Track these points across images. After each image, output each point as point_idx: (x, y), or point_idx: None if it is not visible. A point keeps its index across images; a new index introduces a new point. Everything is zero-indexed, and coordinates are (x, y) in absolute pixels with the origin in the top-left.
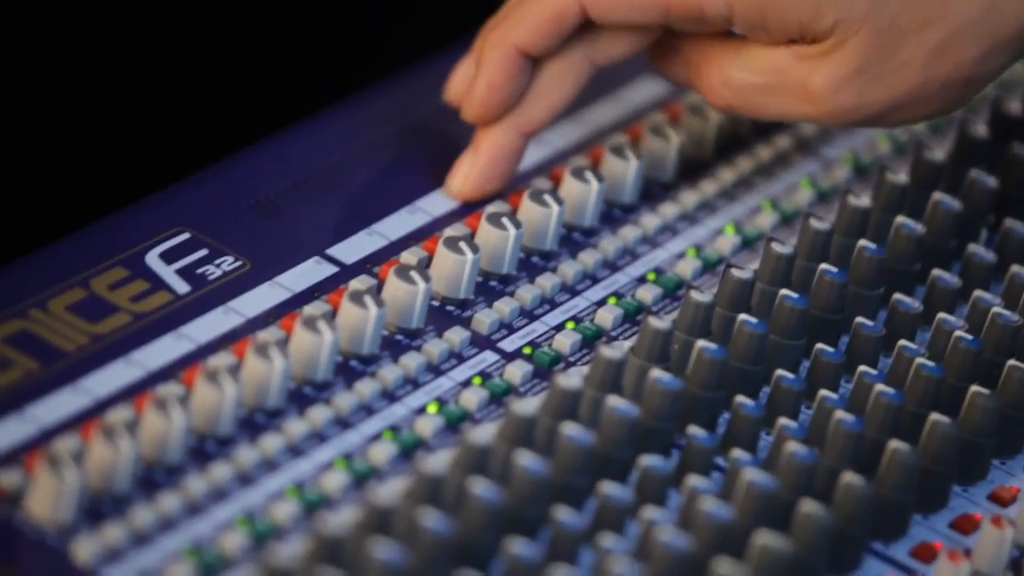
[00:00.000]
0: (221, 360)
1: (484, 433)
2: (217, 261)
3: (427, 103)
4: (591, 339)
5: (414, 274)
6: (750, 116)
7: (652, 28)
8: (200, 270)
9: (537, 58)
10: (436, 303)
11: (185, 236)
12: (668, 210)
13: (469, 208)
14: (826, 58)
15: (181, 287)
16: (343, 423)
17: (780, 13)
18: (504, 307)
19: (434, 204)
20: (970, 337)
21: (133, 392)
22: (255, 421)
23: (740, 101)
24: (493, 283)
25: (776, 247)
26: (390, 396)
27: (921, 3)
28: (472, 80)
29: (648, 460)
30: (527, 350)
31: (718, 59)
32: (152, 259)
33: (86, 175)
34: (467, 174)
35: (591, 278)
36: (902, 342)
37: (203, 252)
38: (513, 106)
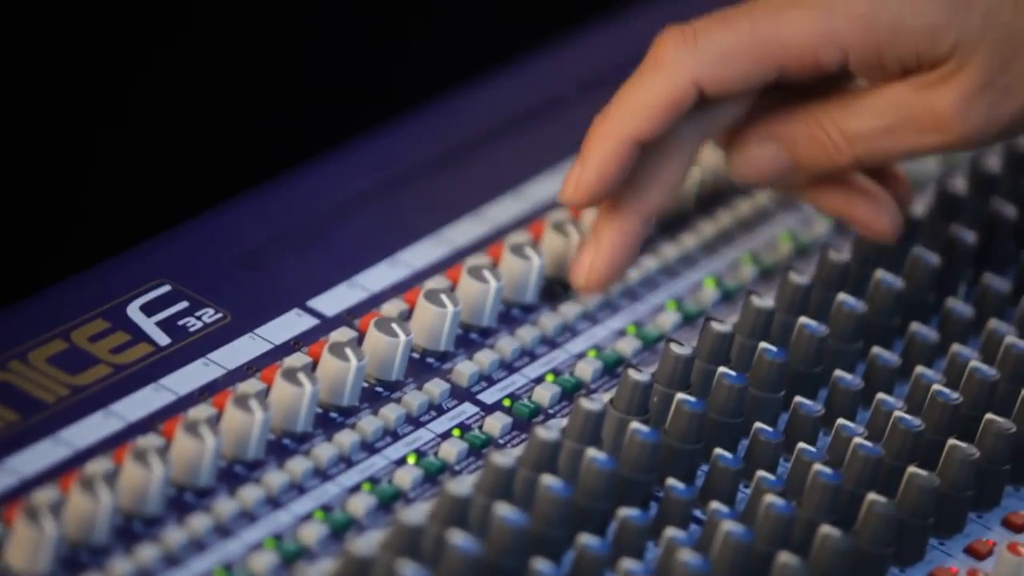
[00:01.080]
0: (200, 411)
1: (463, 485)
2: (198, 313)
3: (408, 155)
4: (571, 392)
5: (395, 326)
6: (881, 163)
7: (761, 87)
8: (181, 322)
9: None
10: (416, 355)
11: (166, 288)
12: (648, 263)
13: (451, 261)
14: (948, 82)
15: (162, 339)
16: (322, 475)
17: (897, 48)
18: (484, 359)
19: (415, 256)
20: (948, 391)
21: (112, 444)
22: (234, 472)
23: (867, 149)
24: (473, 335)
25: (756, 300)
26: (370, 448)
27: None
28: (580, 170)
29: (626, 512)
30: (507, 402)
31: (831, 119)
32: (133, 311)
33: (68, 227)
34: (592, 265)
35: (571, 330)
36: (880, 395)
37: (184, 304)
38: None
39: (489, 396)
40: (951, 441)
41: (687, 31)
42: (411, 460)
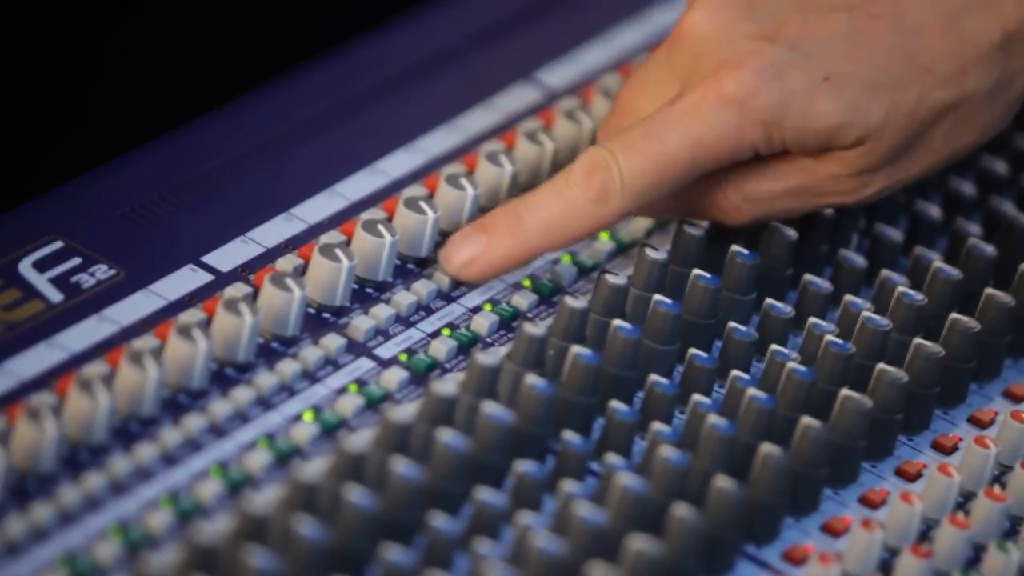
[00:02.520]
0: (94, 368)
1: (359, 440)
2: (91, 270)
3: (301, 109)
4: (467, 346)
5: (289, 281)
6: (773, 219)
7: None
8: (74, 279)
9: None
10: (312, 310)
11: (58, 245)
12: None
13: (345, 215)
14: (852, 157)
15: (55, 296)
16: (218, 431)
17: (802, 144)
18: (380, 314)
19: (309, 211)
20: (841, 341)
21: (5, 402)
22: (129, 429)
23: (766, 210)
24: (369, 290)
25: (650, 253)
26: (265, 403)
27: (938, 89)
28: (480, 252)
29: (523, 466)
30: (403, 357)
31: (733, 182)
32: (25, 268)
33: None
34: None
35: (467, 285)
36: (774, 347)
37: (77, 261)
38: None
39: (385, 351)
40: (843, 392)
41: (611, 163)
42: (307, 416)
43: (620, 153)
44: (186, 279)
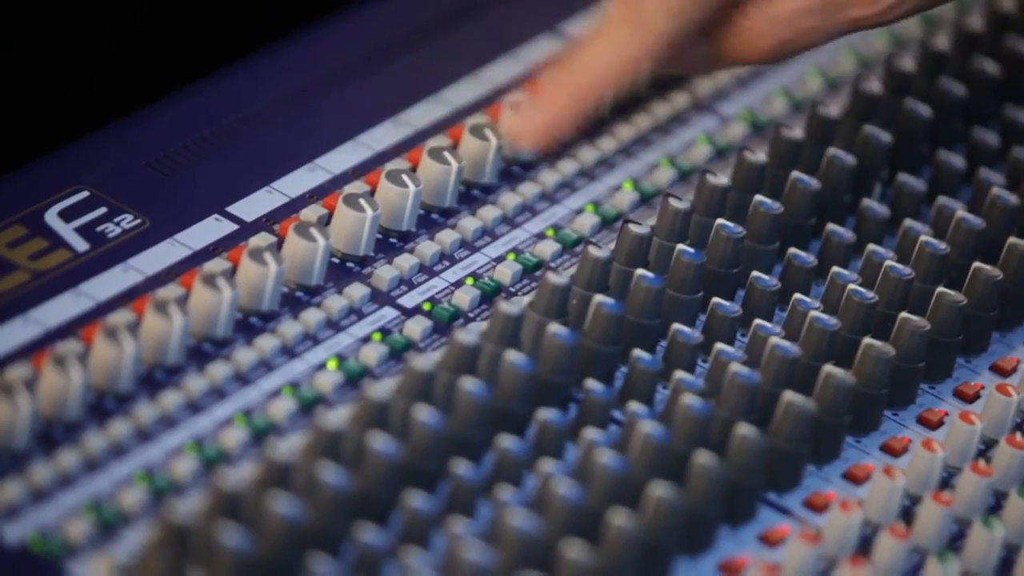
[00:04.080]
0: (119, 317)
1: (382, 389)
2: (116, 219)
3: (326, 60)
4: (490, 295)
5: (314, 231)
6: (803, 48)
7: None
8: (99, 228)
9: None
10: (336, 260)
11: (84, 194)
12: (567, 167)
13: (369, 166)
14: None
15: (80, 245)
16: (242, 379)
17: None
18: (404, 263)
19: (333, 162)
20: (863, 290)
21: (32, 350)
22: (155, 378)
23: (791, 33)
24: (393, 240)
25: (673, 203)
26: (290, 352)
27: None
28: (535, 118)
29: (546, 414)
30: (427, 306)
31: (756, 5)
32: (51, 217)
33: None
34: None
35: (490, 234)
36: (797, 296)
37: (102, 210)
38: None
39: (409, 300)
40: (867, 340)
41: None
42: (331, 365)
43: None
44: (211, 229)
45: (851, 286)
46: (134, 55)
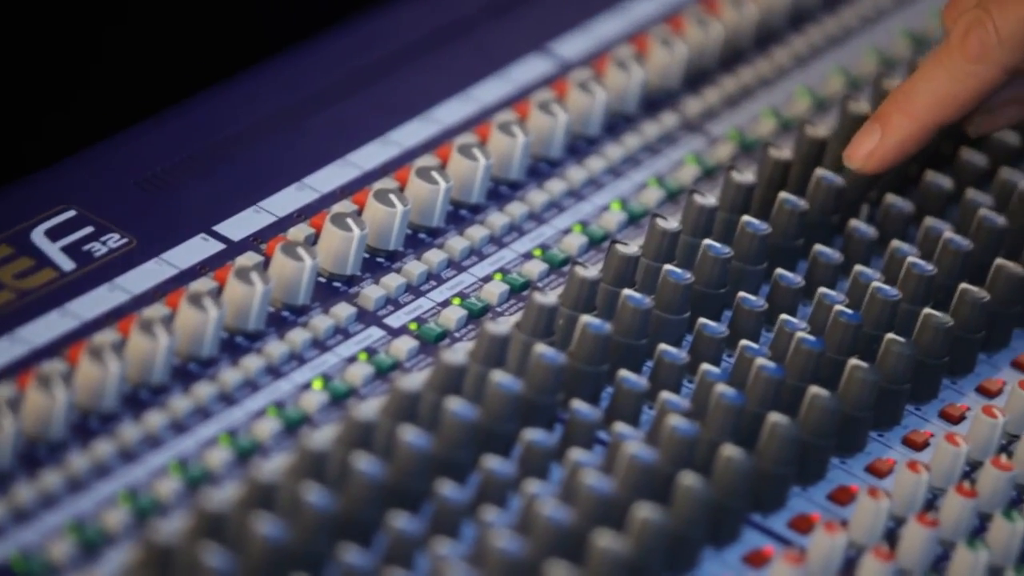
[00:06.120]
0: (105, 337)
1: (368, 408)
2: (103, 238)
3: (314, 79)
4: (477, 315)
5: (300, 250)
6: None
7: None
8: (86, 247)
9: None
10: (323, 279)
11: (71, 213)
12: (555, 187)
13: (357, 185)
14: None
15: (67, 264)
16: (228, 399)
17: None
18: (391, 283)
19: (321, 181)
20: (850, 311)
21: (17, 369)
22: (139, 397)
23: None
24: (380, 259)
25: (661, 223)
26: (275, 372)
27: None
28: (878, 141)
29: (531, 434)
30: (413, 326)
31: None
32: (37, 236)
33: None
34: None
35: (477, 254)
36: (783, 316)
37: (89, 229)
38: None
39: (395, 320)
40: (852, 361)
41: (985, 20)
42: (317, 384)
43: (992, 8)
44: (198, 248)
45: (838, 307)
46: (121, 74)
